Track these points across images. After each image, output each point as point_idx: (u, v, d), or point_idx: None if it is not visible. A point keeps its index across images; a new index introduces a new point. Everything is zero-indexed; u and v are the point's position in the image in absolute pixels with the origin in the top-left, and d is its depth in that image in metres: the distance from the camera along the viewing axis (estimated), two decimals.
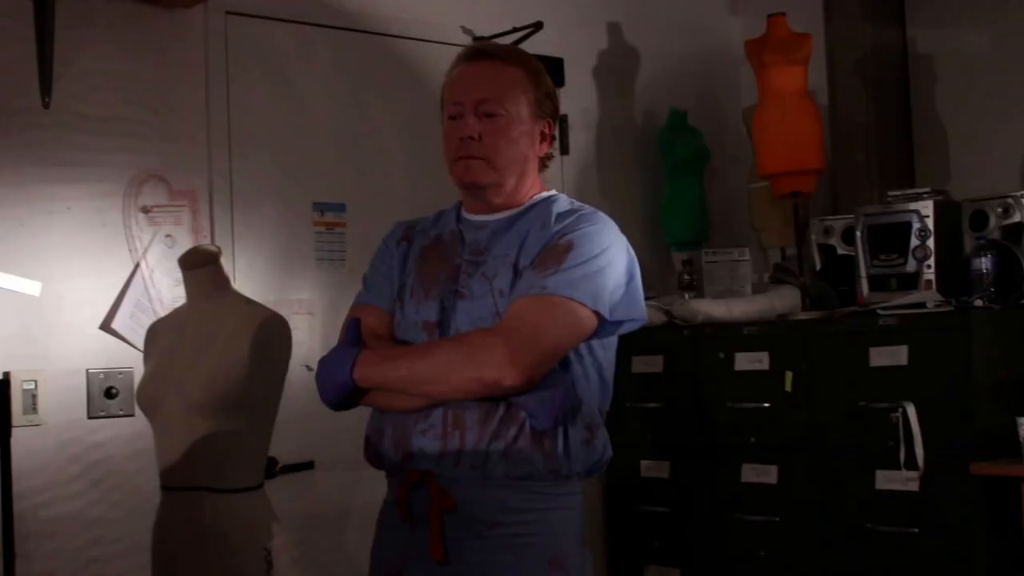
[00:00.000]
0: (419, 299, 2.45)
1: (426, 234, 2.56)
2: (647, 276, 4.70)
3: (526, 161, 2.47)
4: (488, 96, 2.42)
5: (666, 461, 4.31)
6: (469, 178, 2.43)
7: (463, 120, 2.42)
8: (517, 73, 2.46)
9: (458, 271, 2.43)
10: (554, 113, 2.54)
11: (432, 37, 4.20)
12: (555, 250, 2.34)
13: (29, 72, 3.29)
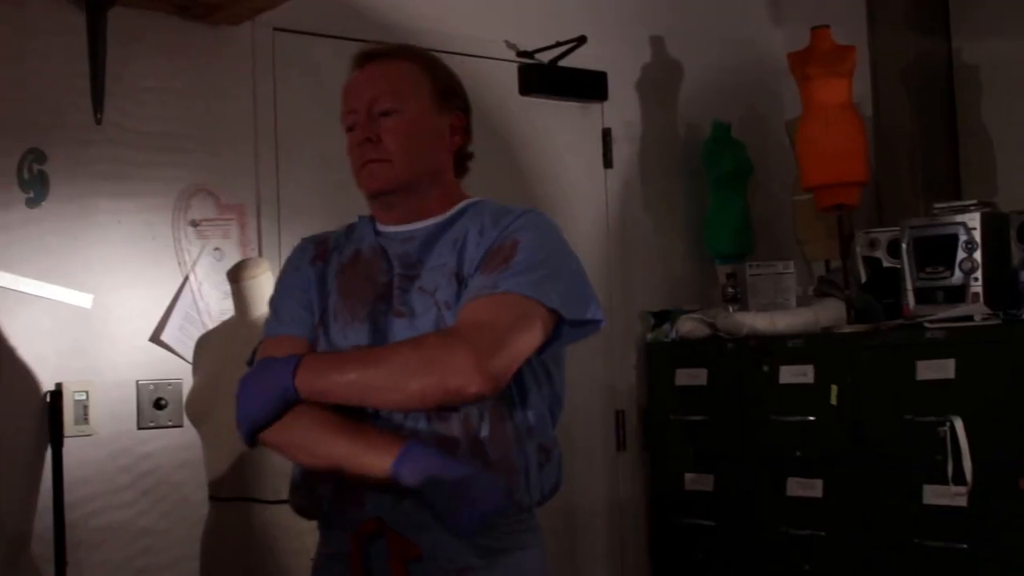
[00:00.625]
0: (345, 323, 2.22)
1: (341, 251, 2.33)
2: (690, 289, 4.80)
3: (436, 158, 2.28)
4: (380, 94, 2.22)
5: (710, 474, 4.30)
6: (376, 185, 2.23)
7: (359, 126, 2.24)
8: (410, 67, 2.27)
9: (389, 289, 2.21)
10: (464, 107, 2.34)
11: (476, 52, 4.22)
12: (501, 251, 2.14)
13: (82, 88, 3.34)
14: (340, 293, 2.26)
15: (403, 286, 2.20)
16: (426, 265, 2.21)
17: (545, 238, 2.18)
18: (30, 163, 3.27)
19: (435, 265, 2.20)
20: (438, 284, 2.18)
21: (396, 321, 2.18)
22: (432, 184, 2.27)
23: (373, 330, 2.19)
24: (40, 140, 3.29)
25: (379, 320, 2.19)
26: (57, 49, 3.33)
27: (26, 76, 3.27)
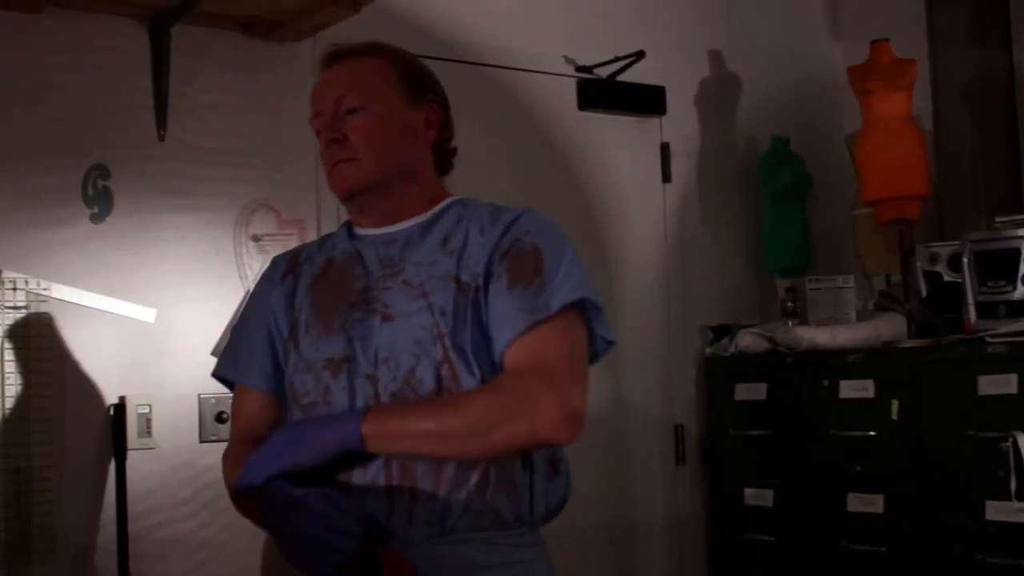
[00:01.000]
0: (317, 336, 2.10)
1: (312, 261, 2.22)
2: (749, 303, 4.78)
3: (411, 153, 2.16)
4: (346, 92, 2.13)
5: (770, 489, 4.28)
6: (345, 185, 2.12)
7: (326, 128, 2.14)
8: (376, 63, 2.17)
9: (367, 292, 2.09)
10: (439, 100, 2.22)
11: (535, 68, 4.24)
12: (523, 259, 2.03)
13: (145, 105, 3.39)
14: (312, 306, 2.15)
15: (387, 284, 2.09)
16: (410, 261, 2.10)
17: (558, 236, 2.09)
18: (95, 179, 3.32)
19: (421, 261, 2.09)
20: (431, 287, 2.06)
21: (382, 325, 2.05)
22: (408, 183, 2.16)
23: (347, 340, 2.07)
24: (105, 156, 3.34)
25: (354, 328, 2.07)
26: (122, 66, 3.38)
27: (91, 93, 3.32)
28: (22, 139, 3.21)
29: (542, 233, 2.07)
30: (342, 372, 2.06)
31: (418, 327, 2.03)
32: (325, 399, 2.07)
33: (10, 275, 3.15)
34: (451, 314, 2.03)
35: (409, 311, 2.05)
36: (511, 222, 2.08)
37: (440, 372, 2.01)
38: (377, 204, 2.16)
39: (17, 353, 3.16)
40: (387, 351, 2.04)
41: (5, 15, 3.16)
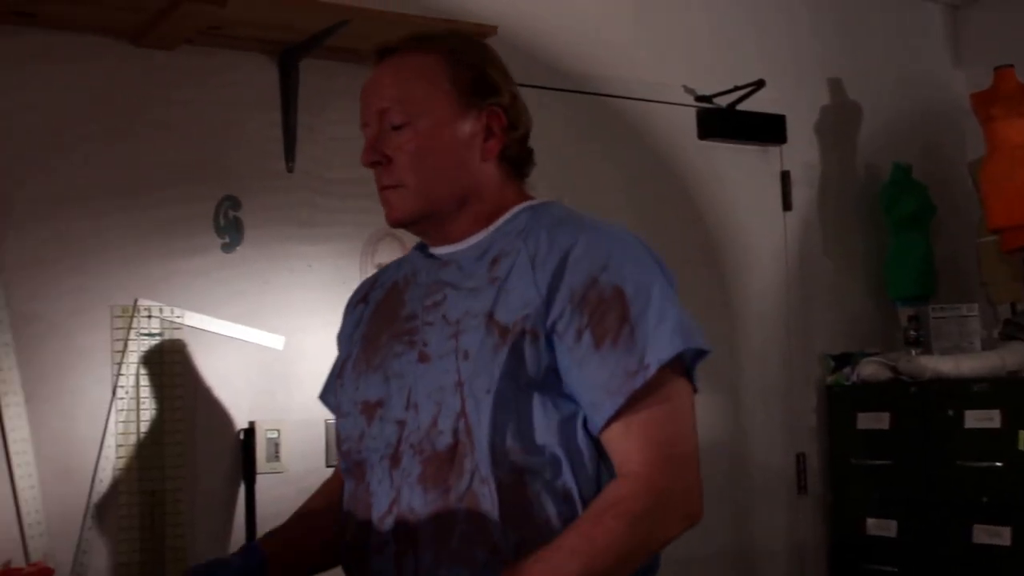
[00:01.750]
0: (359, 372, 1.93)
1: (384, 285, 2.03)
2: (871, 331, 4.74)
3: (466, 175, 1.88)
4: (388, 103, 1.87)
5: (893, 520, 4.23)
6: (392, 216, 1.90)
7: (369, 146, 1.90)
8: (424, 62, 1.88)
9: (411, 323, 1.88)
10: (504, 99, 1.91)
11: (655, 97, 4.26)
12: (604, 307, 1.74)
13: (275, 137, 3.48)
14: (363, 339, 1.98)
15: (426, 319, 1.87)
16: (456, 287, 1.87)
17: (636, 263, 1.80)
18: (226, 209, 3.42)
19: (465, 289, 1.85)
20: (464, 322, 1.81)
21: (418, 366, 1.84)
22: (464, 204, 1.90)
23: (384, 378, 1.87)
24: (235, 187, 3.43)
25: (392, 364, 1.87)
26: (252, 100, 3.47)
27: (223, 126, 3.42)
28: (157, 171, 3.31)
29: (617, 263, 1.78)
30: (375, 418, 1.88)
31: (442, 371, 1.80)
32: (359, 447, 1.91)
33: (145, 303, 3.25)
34: (475, 358, 1.77)
35: (442, 351, 1.82)
36: (568, 250, 1.79)
37: (457, 426, 1.77)
38: (434, 230, 1.94)
39: (151, 379, 3.25)
40: (417, 395, 1.83)
41: (143, 52, 3.27)
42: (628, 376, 1.72)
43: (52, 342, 3.11)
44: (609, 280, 1.76)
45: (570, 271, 1.78)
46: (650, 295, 1.76)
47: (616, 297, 1.75)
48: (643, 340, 1.73)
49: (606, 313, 1.74)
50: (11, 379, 3.01)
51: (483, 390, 1.75)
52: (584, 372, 1.75)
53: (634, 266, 1.79)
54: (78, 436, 3.13)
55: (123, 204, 3.24)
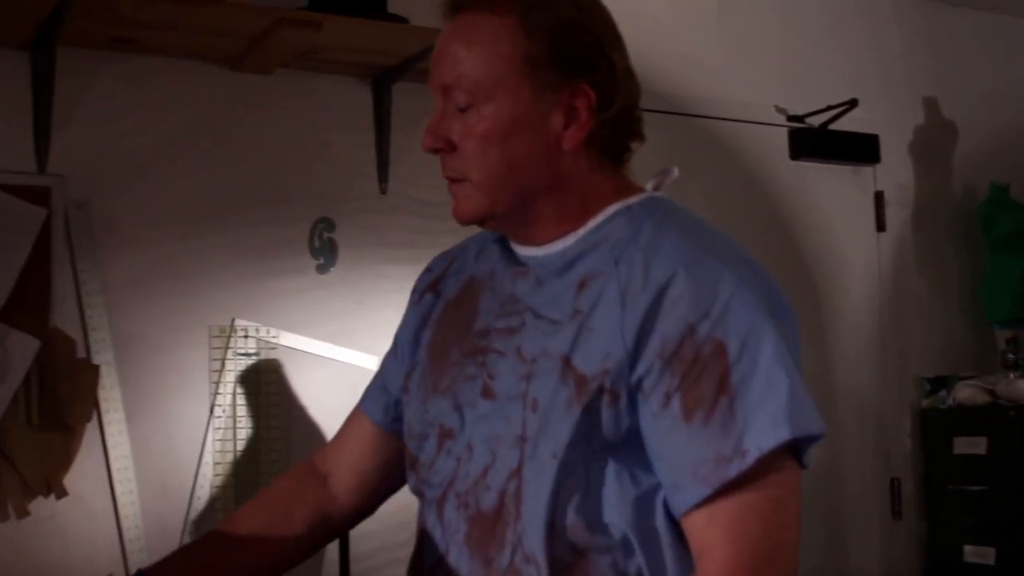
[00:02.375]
0: (426, 393, 1.66)
1: (460, 275, 1.75)
2: (967, 354, 4.67)
3: (545, 166, 1.55)
4: (451, 78, 1.56)
5: (991, 547, 4.16)
6: (458, 213, 1.61)
7: (432, 124, 1.59)
8: (494, 27, 1.54)
9: (483, 341, 1.61)
10: (598, 70, 1.56)
11: (746, 118, 4.25)
12: (700, 366, 1.42)
13: (368, 160, 3.52)
14: (431, 348, 1.70)
15: (497, 346, 1.59)
16: (535, 313, 1.57)
17: (754, 309, 1.46)
18: (320, 231, 3.46)
19: (546, 318, 1.55)
20: (540, 363, 1.52)
21: (481, 402, 1.58)
22: (541, 204, 1.58)
23: (454, 406, 1.61)
24: (330, 209, 3.47)
25: (462, 391, 1.61)
26: (346, 123, 3.51)
27: (318, 148, 3.46)
28: (253, 194, 3.36)
29: (722, 309, 1.45)
30: (444, 449, 1.62)
31: (504, 417, 1.53)
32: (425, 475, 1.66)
33: (242, 323, 3.29)
34: (544, 411, 1.49)
35: (510, 393, 1.54)
36: (664, 287, 1.46)
37: (507, 487, 1.51)
38: (511, 228, 1.65)
39: (248, 398, 3.30)
40: (474, 435, 1.58)
41: (240, 76, 3.33)
42: (720, 462, 1.41)
43: (152, 361, 3.17)
44: (709, 332, 1.43)
45: (664, 315, 1.45)
46: (757, 357, 1.43)
47: (715, 356, 1.43)
48: (743, 418, 1.41)
49: (701, 376, 1.43)
50: (113, 397, 3.07)
51: (548, 453, 1.47)
52: (668, 446, 1.45)
53: (743, 313, 1.45)
54: (177, 454, 3.18)
55: (221, 226, 3.30)
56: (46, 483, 2.95)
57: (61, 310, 3.03)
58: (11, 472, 2.91)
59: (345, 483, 1.85)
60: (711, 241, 1.56)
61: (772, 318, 1.47)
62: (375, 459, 1.83)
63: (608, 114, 1.57)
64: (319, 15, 3.09)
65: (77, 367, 3.01)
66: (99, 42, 3.09)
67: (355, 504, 1.86)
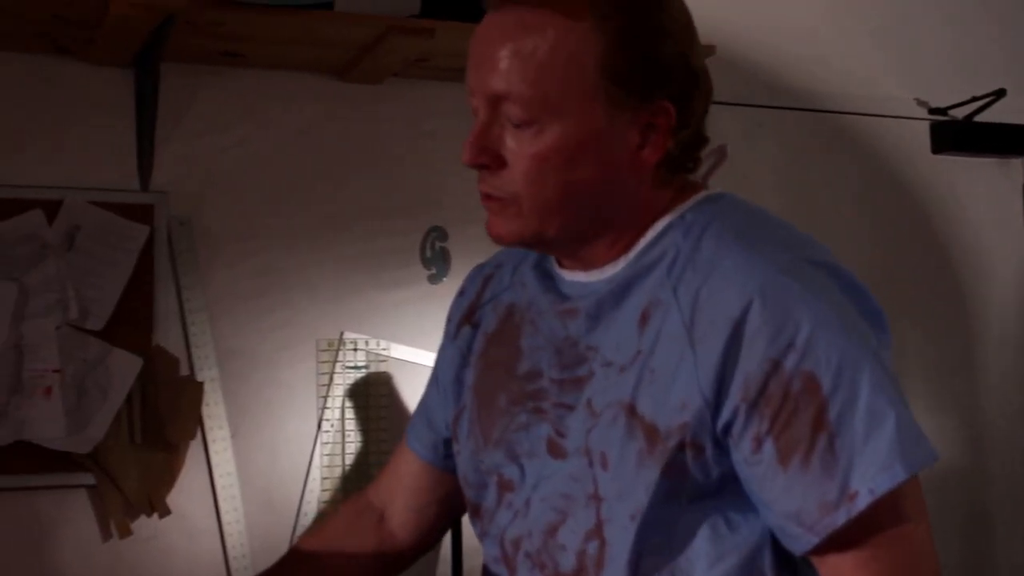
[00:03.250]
0: (477, 445, 1.56)
1: (499, 300, 1.61)
2: None
3: (605, 189, 1.39)
4: (505, 88, 1.36)
5: None
6: (493, 233, 1.48)
7: (474, 132, 1.45)
8: (566, 31, 1.33)
9: (534, 383, 1.48)
10: (687, 83, 1.40)
11: (885, 112, 4.06)
12: (791, 403, 1.27)
13: None
14: (476, 392, 1.58)
15: (562, 399, 1.44)
16: (598, 356, 1.41)
17: (844, 328, 1.30)
18: (433, 240, 3.40)
19: (616, 365, 1.39)
20: (604, 414, 1.38)
21: (548, 461, 1.45)
22: (602, 224, 1.43)
23: (509, 456, 1.50)
24: (442, 218, 3.40)
25: (518, 441, 1.49)
26: (456, 130, 3.39)
27: (428, 157, 3.40)
28: (365, 203, 3.31)
29: (808, 334, 1.28)
30: (504, 502, 1.53)
31: (569, 476, 1.41)
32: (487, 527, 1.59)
33: (351, 336, 3.25)
34: (615, 469, 1.36)
35: (576, 446, 1.42)
36: (740, 318, 1.30)
37: (586, 548, 1.39)
38: (556, 251, 1.51)
39: (357, 412, 3.26)
40: (543, 491, 1.45)
41: (351, 87, 3.28)
42: (826, 508, 1.27)
43: (258, 377, 3.15)
44: (797, 365, 1.27)
45: (745, 352, 1.29)
46: (856, 387, 1.27)
47: (807, 391, 1.27)
48: (847, 456, 1.26)
49: (794, 416, 1.27)
50: (217, 414, 3.06)
51: (627, 515, 1.34)
52: (767, 494, 1.31)
53: (833, 336, 1.28)
54: (282, 470, 3.17)
55: (330, 237, 3.26)
56: (148, 502, 2.95)
57: (164, 328, 3.02)
58: (113, 491, 2.91)
59: (401, 520, 1.82)
60: (780, 248, 1.38)
61: (862, 337, 1.31)
62: (430, 495, 1.80)
63: (687, 132, 1.43)
64: (431, 22, 3.01)
65: (180, 385, 3.01)
66: (204, 57, 3.07)
67: (414, 541, 1.84)
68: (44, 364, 2.86)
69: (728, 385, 1.30)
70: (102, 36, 2.83)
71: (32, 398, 2.84)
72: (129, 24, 2.78)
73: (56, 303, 2.88)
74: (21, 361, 2.85)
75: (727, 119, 3.80)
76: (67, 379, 2.87)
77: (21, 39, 2.89)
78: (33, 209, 2.90)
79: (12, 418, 2.82)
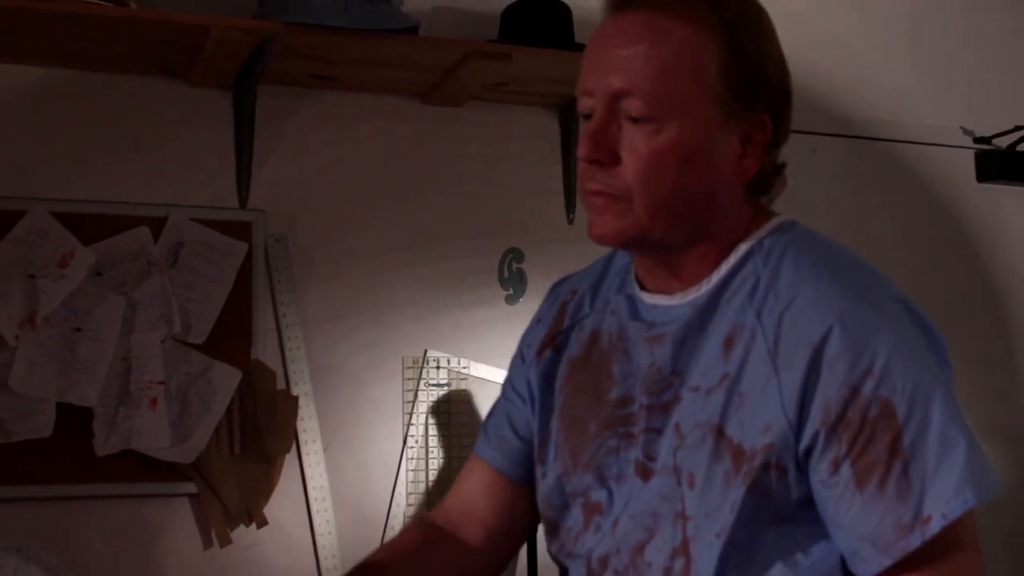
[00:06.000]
0: (564, 467, 1.58)
1: (582, 326, 1.63)
2: None
3: (709, 195, 1.45)
4: (630, 85, 1.40)
5: None
6: (599, 232, 1.46)
7: (591, 129, 1.44)
8: (692, 35, 1.41)
9: (624, 410, 1.51)
10: (776, 102, 1.47)
11: (930, 140, 4.14)
12: (868, 429, 1.33)
13: (556, 189, 3.52)
14: (563, 417, 1.60)
15: (651, 423, 1.48)
16: (688, 384, 1.46)
17: (916, 357, 1.37)
18: (510, 261, 3.47)
19: (700, 388, 1.44)
20: (692, 435, 1.43)
21: (635, 480, 1.49)
22: (697, 239, 1.48)
23: (598, 479, 1.53)
24: (519, 240, 3.48)
25: (607, 465, 1.52)
26: (534, 153, 3.52)
27: (507, 179, 3.48)
28: (445, 224, 3.39)
29: (884, 362, 1.34)
30: (592, 524, 1.55)
31: (658, 494, 1.45)
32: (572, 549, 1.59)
33: (434, 354, 3.32)
34: (702, 488, 1.40)
35: (665, 468, 1.46)
36: (820, 344, 1.35)
37: (673, 564, 1.43)
38: (652, 258, 1.53)
39: (439, 428, 3.32)
40: (632, 510, 1.49)
41: (432, 109, 3.36)
42: (901, 531, 1.32)
43: (348, 393, 3.22)
44: (874, 392, 1.33)
45: (825, 377, 1.35)
46: (929, 414, 1.33)
47: (884, 417, 1.33)
48: (920, 481, 1.32)
49: (871, 441, 1.33)
50: (311, 428, 3.12)
51: (712, 533, 1.39)
52: (842, 515, 1.36)
53: (907, 364, 1.35)
54: (372, 484, 3.22)
55: (412, 256, 3.33)
56: (247, 512, 3.01)
57: (262, 342, 3.09)
58: (214, 500, 2.97)
59: (473, 534, 1.77)
60: (856, 279, 1.44)
61: (933, 367, 1.38)
62: (500, 509, 1.76)
63: (776, 151, 1.51)
64: (509, 47, 3.12)
65: (277, 398, 3.07)
66: (296, 79, 3.16)
67: (487, 559, 1.79)
68: (150, 376, 2.93)
69: (809, 408, 1.36)
70: (204, 59, 2.93)
71: (139, 409, 2.91)
72: (228, 47, 2.88)
73: (161, 317, 2.96)
74: (129, 373, 2.92)
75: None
76: (171, 391, 2.94)
77: (130, 62, 2.99)
78: (140, 226, 2.99)
79: (120, 428, 2.89)
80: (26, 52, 2.91)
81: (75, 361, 2.88)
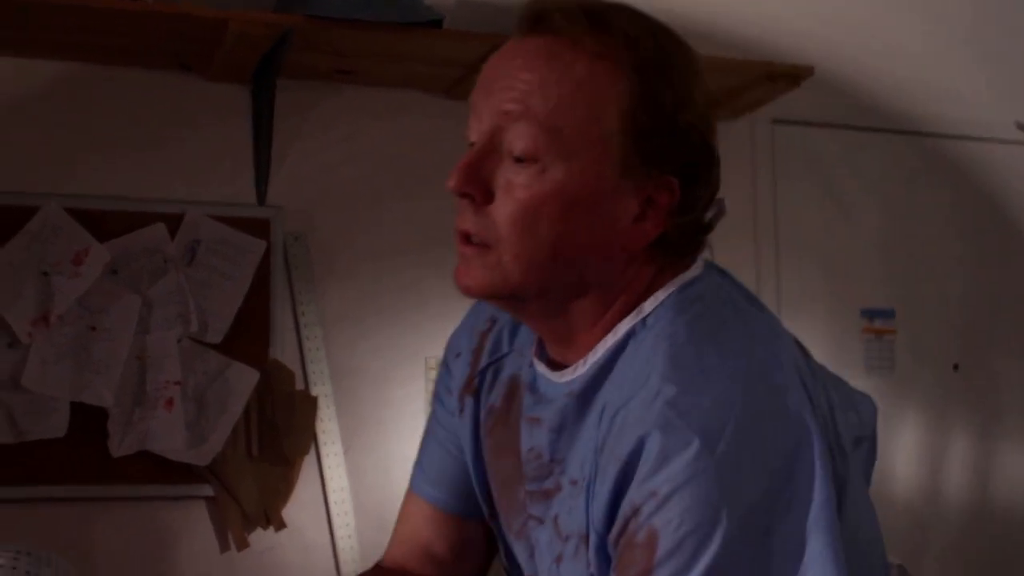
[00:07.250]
0: (507, 527, 1.46)
1: (499, 370, 1.46)
2: None
3: (593, 255, 1.26)
4: (522, 109, 1.24)
5: None
6: (460, 282, 1.29)
7: (469, 159, 1.28)
8: (598, 72, 1.23)
9: (544, 485, 1.34)
10: (702, 165, 1.32)
11: (983, 135, 4.02)
12: (628, 555, 1.17)
13: None
14: (494, 476, 1.45)
15: (533, 511, 1.36)
16: (567, 476, 1.30)
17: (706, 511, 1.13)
18: None
19: (578, 481, 1.28)
20: (569, 544, 1.30)
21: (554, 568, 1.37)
22: (579, 297, 1.29)
23: (529, 554, 1.41)
24: None
25: (535, 537, 1.38)
26: None
27: None
28: None
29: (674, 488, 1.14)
30: None
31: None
32: None
33: None
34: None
35: (545, 559, 1.35)
36: (632, 455, 1.18)
37: None
38: (531, 324, 1.38)
39: None
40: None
41: (455, 104, 3.25)
42: None
43: (369, 394, 3.16)
44: (649, 517, 1.15)
45: (630, 490, 1.18)
46: (695, 561, 1.13)
47: (645, 548, 1.15)
48: None
49: (628, 567, 1.16)
50: (331, 430, 3.07)
51: None
52: None
53: (698, 499, 1.13)
54: (394, 487, 3.12)
55: (436, 256, 3.24)
56: (265, 515, 2.96)
57: (280, 342, 3.04)
58: (231, 503, 2.93)
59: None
60: (711, 379, 1.20)
61: (738, 504, 1.14)
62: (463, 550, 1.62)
63: (687, 218, 1.29)
64: None
65: (296, 399, 3.02)
66: (316, 74, 3.10)
67: None
68: (166, 376, 2.88)
69: (615, 520, 1.20)
70: (222, 53, 2.88)
71: (155, 410, 2.87)
72: (247, 41, 2.83)
73: (177, 316, 2.91)
74: (144, 373, 2.88)
75: (827, 141, 3.79)
76: (188, 391, 2.90)
77: (146, 56, 2.96)
78: (156, 223, 2.95)
79: (136, 428, 2.85)
80: (41, 46, 2.88)
81: (90, 360, 2.84)
